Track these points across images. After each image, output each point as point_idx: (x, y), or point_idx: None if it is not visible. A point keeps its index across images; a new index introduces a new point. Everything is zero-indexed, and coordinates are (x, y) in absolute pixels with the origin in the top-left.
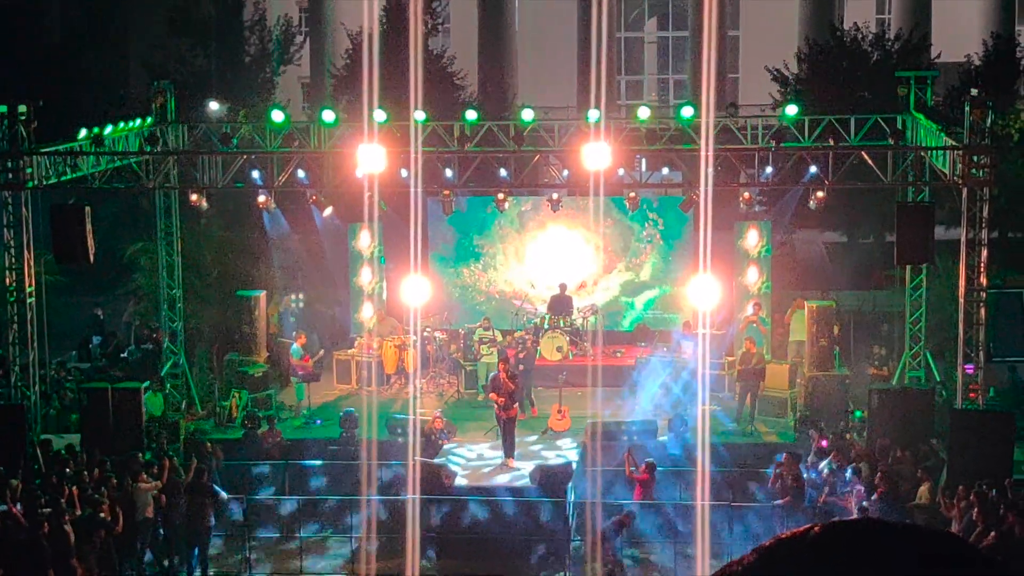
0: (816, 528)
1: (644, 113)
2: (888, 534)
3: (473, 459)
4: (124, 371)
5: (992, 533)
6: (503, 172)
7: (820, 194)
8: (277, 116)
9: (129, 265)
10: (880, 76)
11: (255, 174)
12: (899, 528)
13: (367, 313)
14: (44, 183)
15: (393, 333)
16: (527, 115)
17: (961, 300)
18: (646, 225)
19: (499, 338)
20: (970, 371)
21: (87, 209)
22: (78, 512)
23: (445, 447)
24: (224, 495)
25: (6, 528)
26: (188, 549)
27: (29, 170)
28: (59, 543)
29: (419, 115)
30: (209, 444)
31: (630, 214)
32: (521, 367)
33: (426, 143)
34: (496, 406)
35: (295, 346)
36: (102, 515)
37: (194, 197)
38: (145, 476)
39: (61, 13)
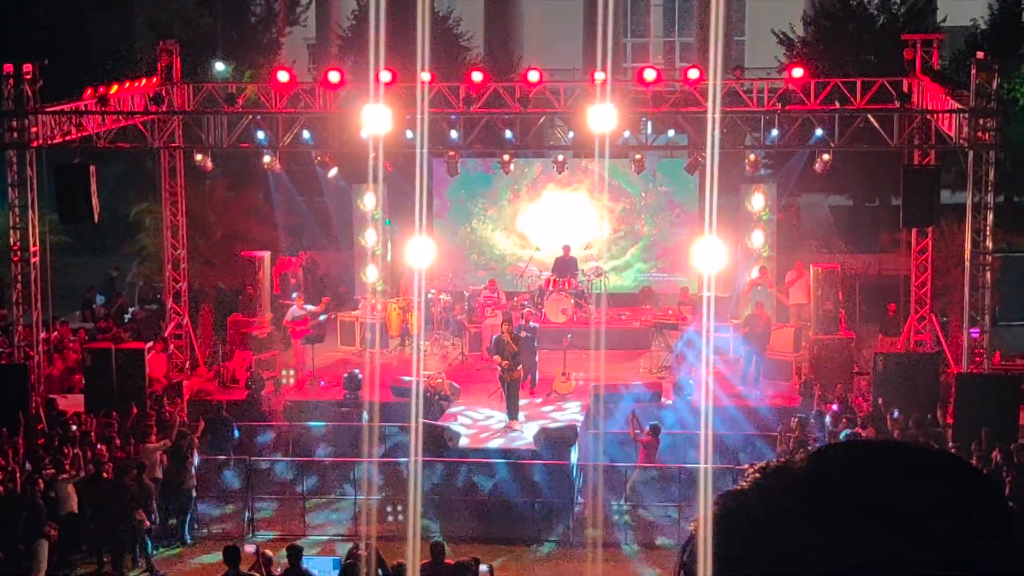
0: (801, 457)
1: (650, 75)
2: (898, 454)
3: (476, 421)
4: (128, 331)
5: None
6: (508, 134)
7: (826, 157)
8: (283, 76)
9: (134, 225)
10: (886, 39)
11: (260, 135)
12: (893, 450)
13: (372, 274)
14: (49, 142)
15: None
16: (532, 77)
17: (967, 264)
18: (646, 188)
19: (503, 300)
20: (975, 335)
21: (92, 169)
22: (82, 473)
23: (448, 409)
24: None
25: (6, 489)
26: (177, 510)
27: (34, 129)
28: (59, 503)
29: (424, 76)
30: (223, 404)
31: (632, 176)
32: (526, 334)
33: (432, 104)
34: (499, 368)
35: (293, 308)
36: (105, 475)
37: (199, 157)
38: (154, 437)
39: None
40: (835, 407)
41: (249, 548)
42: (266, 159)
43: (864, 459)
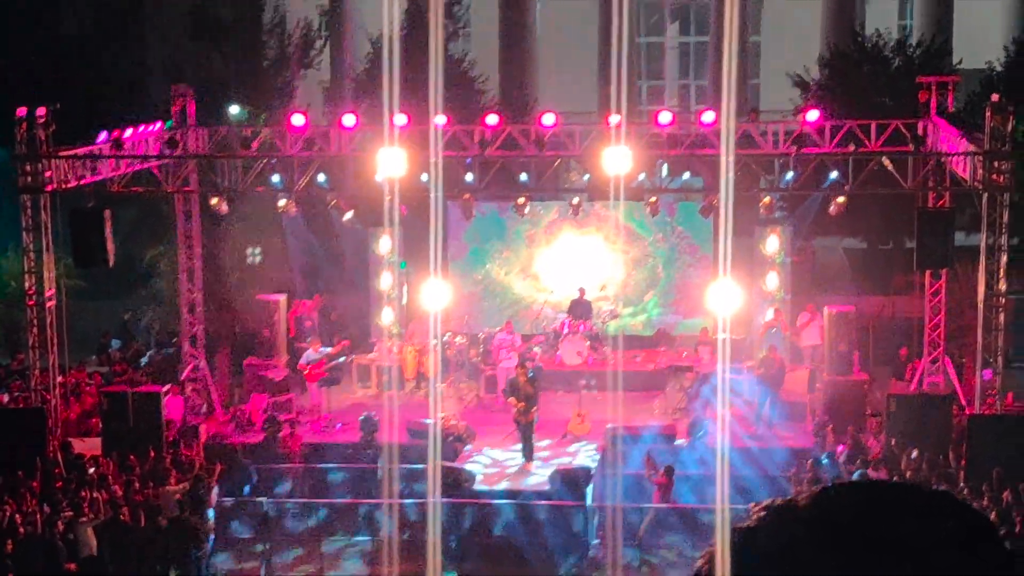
0: (803, 497)
1: (665, 118)
2: (889, 499)
3: (492, 463)
4: (144, 375)
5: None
6: (524, 176)
7: (840, 199)
8: (297, 120)
9: (149, 269)
10: (901, 82)
11: (275, 178)
12: (899, 489)
13: (387, 317)
14: (63, 187)
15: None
16: (547, 119)
17: (980, 305)
18: (662, 231)
19: (518, 342)
20: (988, 376)
21: (107, 213)
22: (101, 516)
23: (464, 450)
24: (211, 522)
25: (26, 531)
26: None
27: (48, 173)
28: (78, 546)
29: (439, 119)
30: (240, 449)
31: (648, 219)
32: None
33: (447, 147)
34: (515, 410)
35: (308, 351)
36: (122, 518)
37: (214, 201)
38: (173, 480)
39: (80, 15)
40: (848, 448)
41: None
42: (281, 202)
43: (869, 497)
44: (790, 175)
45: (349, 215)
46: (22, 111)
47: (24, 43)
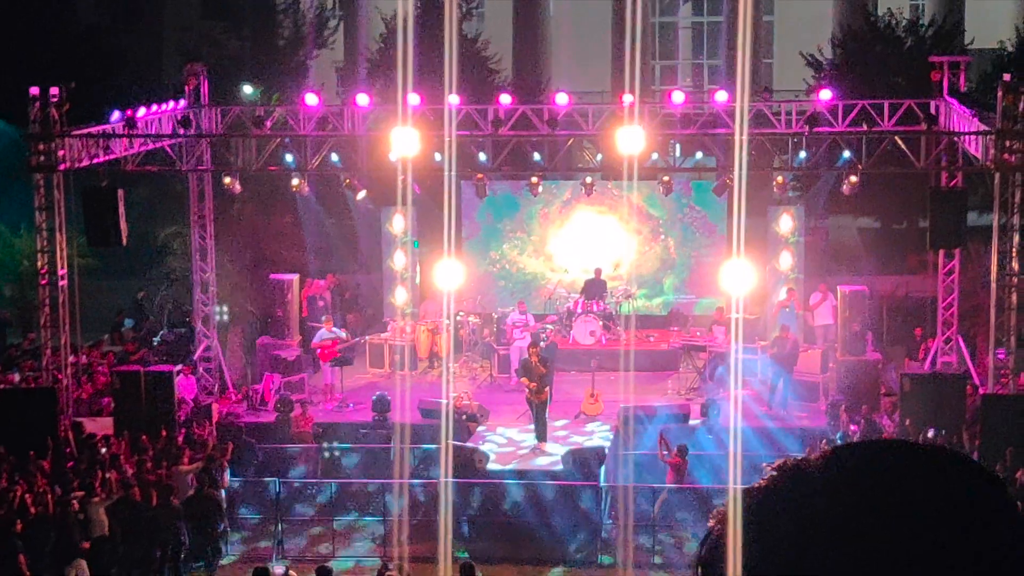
0: (816, 456)
1: (678, 97)
2: (909, 458)
3: (505, 442)
4: (157, 355)
5: None
6: (537, 156)
7: (853, 179)
8: (311, 99)
9: (162, 248)
10: (914, 62)
11: (288, 157)
12: (912, 448)
13: (401, 297)
14: (76, 165)
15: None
16: (561, 99)
17: (993, 285)
18: (677, 210)
19: (532, 321)
20: (1001, 356)
21: (120, 192)
22: (114, 496)
23: (477, 430)
24: (223, 498)
25: (37, 511)
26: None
27: (61, 152)
28: (90, 525)
29: (453, 99)
30: (244, 428)
31: (662, 198)
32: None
33: (460, 127)
34: (528, 390)
35: (322, 330)
36: (135, 498)
37: (227, 180)
38: (187, 460)
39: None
40: (861, 428)
41: (278, 570)
42: (294, 182)
43: (882, 456)
44: (803, 155)
45: (362, 194)
46: (35, 90)
47: (40, 26)
